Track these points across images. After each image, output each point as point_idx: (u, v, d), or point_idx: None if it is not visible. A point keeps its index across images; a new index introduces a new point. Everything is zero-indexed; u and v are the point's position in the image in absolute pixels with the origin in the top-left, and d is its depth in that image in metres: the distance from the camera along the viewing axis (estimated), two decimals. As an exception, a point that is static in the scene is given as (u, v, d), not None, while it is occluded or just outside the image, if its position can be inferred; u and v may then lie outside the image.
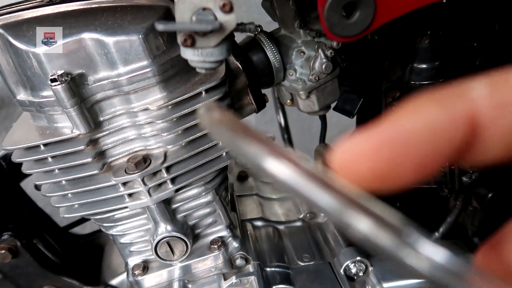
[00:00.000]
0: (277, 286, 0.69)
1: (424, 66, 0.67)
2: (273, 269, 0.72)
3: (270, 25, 0.76)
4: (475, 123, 0.16)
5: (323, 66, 0.70)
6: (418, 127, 0.16)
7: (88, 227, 0.97)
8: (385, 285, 0.68)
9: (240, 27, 0.47)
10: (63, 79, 0.52)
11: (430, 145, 0.16)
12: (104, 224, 0.67)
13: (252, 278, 0.68)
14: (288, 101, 0.81)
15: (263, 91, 0.75)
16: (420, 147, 0.16)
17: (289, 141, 1.26)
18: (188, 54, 0.45)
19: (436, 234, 0.78)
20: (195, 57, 0.45)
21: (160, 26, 0.41)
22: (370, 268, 0.70)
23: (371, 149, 0.16)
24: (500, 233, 0.19)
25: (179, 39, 0.43)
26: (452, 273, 0.14)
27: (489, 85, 0.16)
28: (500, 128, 0.16)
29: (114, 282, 0.76)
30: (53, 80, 0.52)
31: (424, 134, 0.16)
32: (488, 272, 0.14)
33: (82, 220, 0.89)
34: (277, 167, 0.16)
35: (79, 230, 0.98)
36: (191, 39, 0.43)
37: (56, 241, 0.81)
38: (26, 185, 0.83)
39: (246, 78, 0.70)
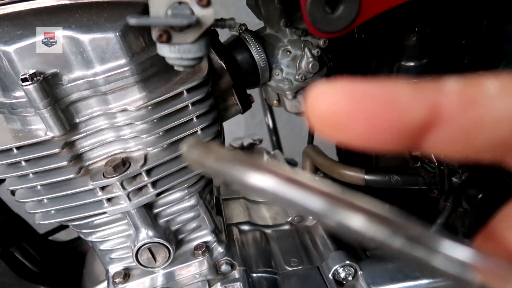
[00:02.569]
0: (263, 292, 0.67)
1: (411, 63, 0.66)
2: (259, 274, 0.70)
3: (259, 26, 0.74)
4: (437, 112, 0.17)
5: (310, 66, 0.68)
6: (379, 91, 0.17)
7: (74, 234, 0.94)
8: (374, 289, 0.66)
9: (220, 22, 0.45)
10: (35, 78, 0.49)
11: (384, 112, 0.17)
12: (83, 231, 0.65)
13: (238, 284, 0.66)
14: (275, 101, 0.79)
15: (249, 91, 0.73)
16: (373, 109, 0.17)
17: (277, 142, 1.24)
18: (164, 50, 0.43)
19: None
20: (172, 54, 0.43)
21: (132, 20, 0.39)
22: (359, 272, 0.69)
23: (334, 97, 0.17)
24: (493, 221, 0.20)
25: (154, 34, 0.41)
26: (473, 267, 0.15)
27: (461, 84, 0.17)
28: (459, 124, 0.17)
29: (95, 290, 0.73)
30: (24, 80, 0.49)
31: (381, 100, 0.17)
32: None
33: (63, 226, 0.86)
34: (262, 181, 0.17)
35: (62, 236, 0.95)
36: (167, 35, 0.41)
37: (35, 249, 0.77)
38: (3, 192, 0.79)
39: (231, 78, 0.68)
